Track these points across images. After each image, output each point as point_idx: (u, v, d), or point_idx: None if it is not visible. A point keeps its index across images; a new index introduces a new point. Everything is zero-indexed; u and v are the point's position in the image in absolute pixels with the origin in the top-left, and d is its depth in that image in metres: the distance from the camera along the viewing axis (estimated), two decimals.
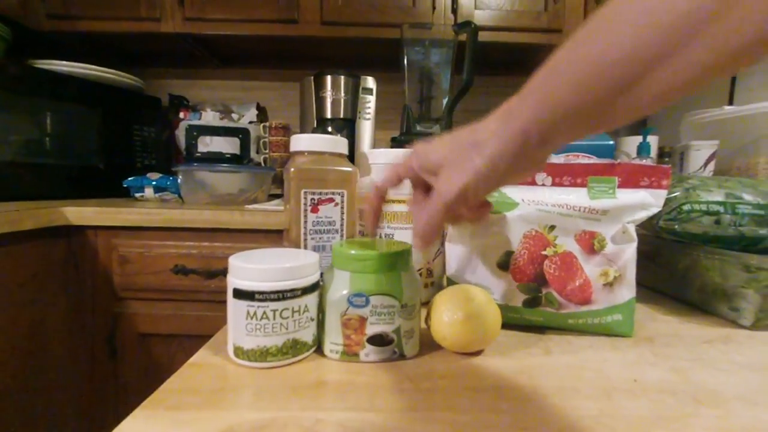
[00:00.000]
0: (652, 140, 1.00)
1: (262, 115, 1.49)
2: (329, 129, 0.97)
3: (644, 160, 0.94)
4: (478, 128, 0.24)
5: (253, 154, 1.29)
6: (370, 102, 1.02)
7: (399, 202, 0.42)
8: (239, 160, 1.01)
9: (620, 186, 0.37)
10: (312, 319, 0.30)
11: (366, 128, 1.03)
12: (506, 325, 0.37)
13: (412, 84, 0.93)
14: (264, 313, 0.27)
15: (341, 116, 0.96)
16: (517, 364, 0.29)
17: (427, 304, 0.34)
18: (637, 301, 0.47)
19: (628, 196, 0.36)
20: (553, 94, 0.19)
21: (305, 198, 0.39)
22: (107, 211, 0.80)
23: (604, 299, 0.35)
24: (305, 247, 0.39)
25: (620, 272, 0.35)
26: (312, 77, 0.96)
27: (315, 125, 0.97)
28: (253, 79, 1.47)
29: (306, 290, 0.29)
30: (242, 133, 1.00)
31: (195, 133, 0.98)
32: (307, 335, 0.29)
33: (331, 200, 0.40)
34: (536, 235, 0.36)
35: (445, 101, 0.93)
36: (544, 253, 0.35)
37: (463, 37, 0.89)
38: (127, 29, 1.13)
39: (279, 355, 0.28)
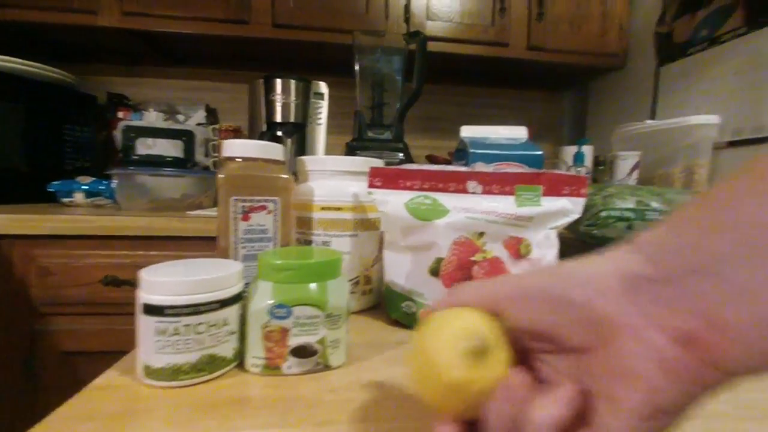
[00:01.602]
0: (587, 150, 1.08)
1: (212, 117, 1.43)
2: (279, 133, 0.95)
3: (579, 168, 1.01)
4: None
5: (201, 157, 1.24)
6: (322, 107, 1.01)
7: (336, 209, 0.42)
8: (183, 163, 0.96)
9: (544, 194, 0.39)
10: (232, 333, 0.28)
11: (318, 133, 1.02)
12: None
13: (364, 90, 0.94)
14: (175, 328, 0.25)
15: (291, 120, 0.94)
16: None
17: (362, 311, 0.34)
18: None
19: (551, 203, 0.38)
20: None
21: (235, 205, 0.37)
22: (24, 218, 0.73)
23: None
24: (235, 257, 0.38)
25: None
26: (261, 80, 0.94)
27: (265, 129, 0.95)
28: (202, 79, 1.41)
29: (225, 303, 0.27)
30: (186, 136, 0.95)
31: (133, 135, 0.92)
32: (227, 350, 0.28)
33: (264, 208, 0.39)
34: (466, 242, 0.37)
35: (397, 108, 0.94)
36: (473, 258, 0.36)
37: (414, 46, 0.91)
38: (58, 21, 1.04)
39: (193, 372, 0.26)
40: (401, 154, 0.89)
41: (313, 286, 0.29)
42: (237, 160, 0.38)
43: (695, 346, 0.12)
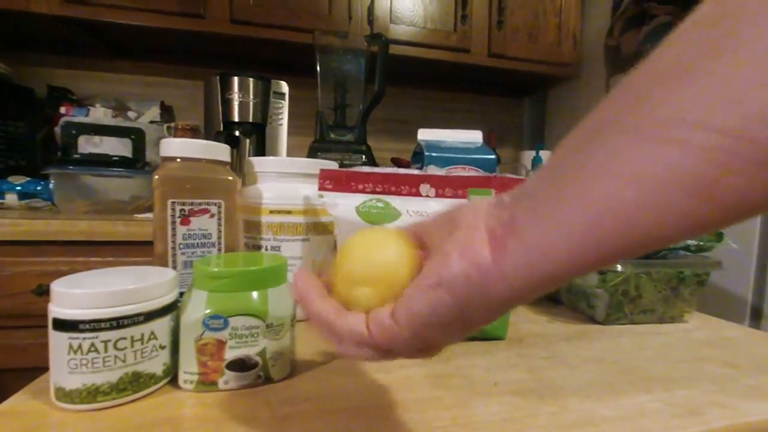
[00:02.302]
0: (545, 155, 1.12)
1: (167, 114, 1.36)
2: (236, 133, 0.91)
3: None
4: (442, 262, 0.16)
5: (154, 157, 1.17)
6: (283, 107, 0.98)
7: (286, 212, 0.40)
8: (132, 163, 0.90)
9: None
10: (162, 347, 0.26)
11: (279, 134, 0.99)
12: None
13: (326, 91, 0.92)
14: (92, 345, 0.23)
15: (250, 120, 0.91)
16: (388, 378, 0.29)
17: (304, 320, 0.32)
18: None
19: None
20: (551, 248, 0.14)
21: (173, 208, 0.35)
22: None
23: None
24: (174, 263, 0.35)
25: None
26: (218, 77, 0.90)
27: (221, 128, 0.91)
28: (156, 75, 1.33)
29: (152, 315, 0.25)
30: (135, 134, 0.90)
31: (74, 131, 0.85)
32: (155, 366, 0.26)
33: (206, 211, 0.36)
34: None
35: (360, 110, 0.93)
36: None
37: (376, 48, 0.91)
38: None
39: (114, 393, 0.24)
40: (364, 157, 0.88)
41: (253, 294, 0.27)
42: (177, 160, 0.36)
43: (495, 242, 0.15)
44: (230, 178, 0.38)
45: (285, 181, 0.41)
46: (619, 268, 0.40)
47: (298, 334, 0.33)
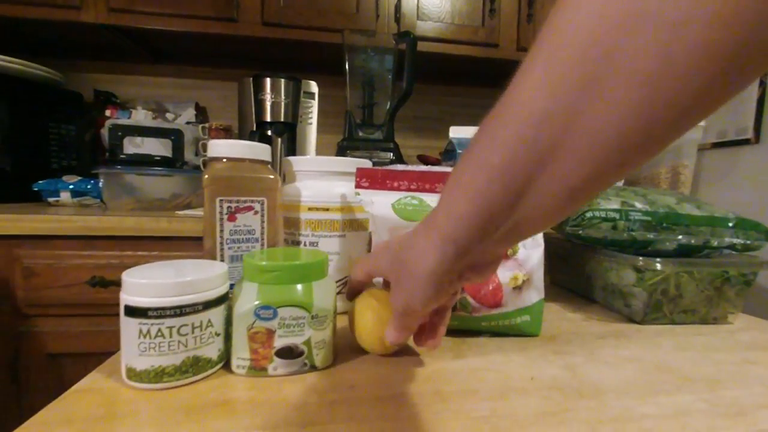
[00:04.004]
0: None
1: (202, 115, 1.42)
2: (268, 133, 0.94)
3: None
4: (406, 243, 0.23)
5: (191, 156, 1.23)
6: (313, 106, 1.00)
7: (324, 209, 0.42)
8: (171, 163, 0.95)
9: None
10: (218, 334, 0.28)
11: (309, 133, 1.02)
12: None
13: (355, 90, 0.94)
14: (159, 330, 0.25)
15: (281, 120, 0.94)
16: (428, 369, 0.30)
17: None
18: (551, 300, 0.50)
19: None
20: (454, 205, 0.19)
21: (221, 206, 0.37)
22: (8, 218, 0.71)
23: (514, 302, 0.37)
24: (222, 257, 0.37)
25: (528, 276, 0.37)
26: (251, 79, 0.93)
27: (254, 128, 0.94)
28: (191, 77, 1.39)
29: (209, 304, 0.27)
30: (175, 135, 0.94)
31: (120, 133, 0.91)
32: (212, 351, 0.28)
33: (250, 208, 0.39)
34: None
35: (387, 108, 0.94)
36: None
37: (403, 46, 0.92)
38: (41, 16, 1.02)
39: (177, 374, 0.26)
40: (392, 154, 0.89)
41: (298, 287, 0.29)
42: (223, 160, 0.38)
43: (428, 228, 0.22)
44: (272, 177, 0.40)
45: (322, 179, 0.43)
46: (658, 266, 0.39)
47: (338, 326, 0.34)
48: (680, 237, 0.43)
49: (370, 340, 0.31)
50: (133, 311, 0.25)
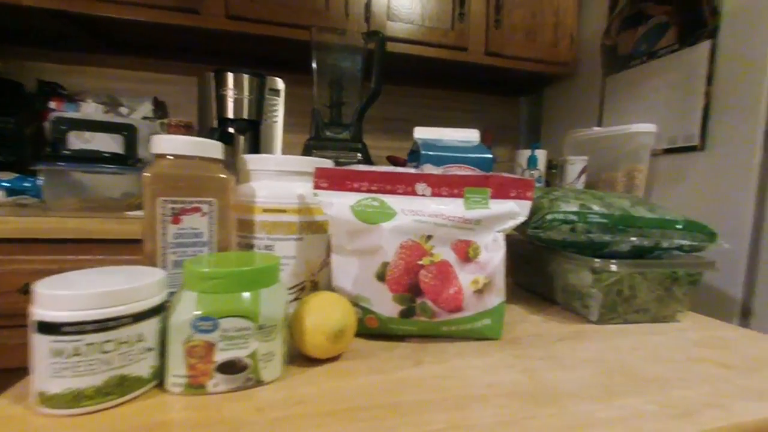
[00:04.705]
0: (540, 154, 1.12)
1: (161, 110, 1.34)
2: (230, 130, 0.90)
3: (533, 171, 1.04)
4: None
5: (146, 153, 1.16)
6: (278, 104, 0.97)
7: (280, 211, 0.40)
8: (123, 160, 0.89)
9: (492, 197, 0.39)
10: (149, 350, 0.25)
11: (274, 131, 0.98)
12: (385, 337, 0.37)
13: (322, 88, 0.91)
14: (75, 348, 0.22)
15: (245, 117, 0.90)
16: (385, 379, 0.29)
17: None
18: (514, 301, 0.51)
19: (499, 206, 0.39)
20: None
21: (163, 207, 0.34)
22: None
23: (475, 305, 0.36)
24: (164, 263, 0.34)
25: (489, 279, 0.37)
26: (212, 73, 0.89)
27: (215, 125, 0.89)
28: (149, 70, 1.32)
29: (140, 316, 0.24)
30: (127, 130, 0.88)
31: (63, 127, 0.84)
32: (142, 369, 0.25)
33: (197, 210, 0.36)
34: (413, 245, 0.36)
35: (356, 107, 0.92)
36: (420, 262, 0.36)
37: (372, 45, 0.90)
38: None
39: (98, 397, 0.23)
40: (359, 155, 0.87)
41: (244, 295, 0.27)
42: (168, 157, 0.35)
43: None
44: (223, 176, 0.37)
45: (279, 179, 0.41)
46: (613, 268, 0.40)
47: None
48: (634, 239, 0.44)
49: (312, 342, 0.30)
50: (45, 327, 0.22)
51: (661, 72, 1.00)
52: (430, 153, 0.48)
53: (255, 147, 0.94)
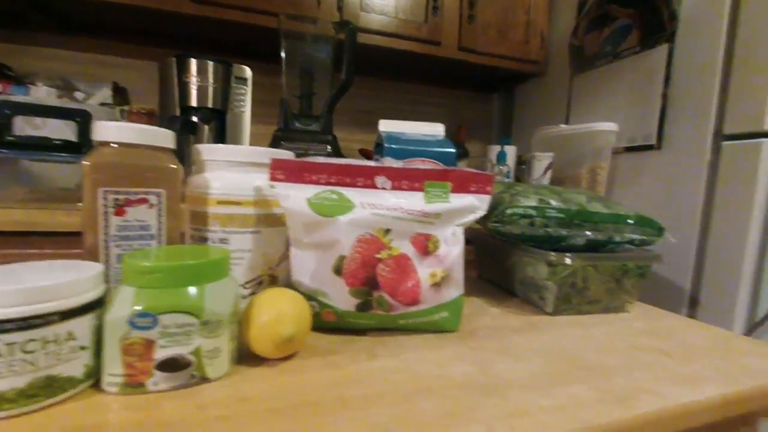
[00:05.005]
0: (510, 150, 1.14)
1: (121, 97, 1.27)
2: (194, 119, 0.86)
3: (502, 167, 1.07)
4: None
5: None
6: (245, 93, 0.94)
7: (235, 203, 0.38)
8: (77, 148, 0.83)
9: (453, 191, 0.39)
10: (82, 348, 0.24)
11: (241, 121, 0.95)
12: (342, 331, 0.37)
13: (292, 78, 0.89)
14: None
15: (209, 106, 0.87)
16: (337, 374, 0.28)
17: None
18: (476, 294, 0.51)
19: (459, 200, 0.39)
20: None
21: (105, 198, 0.32)
22: None
23: (432, 298, 0.36)
24: (107, 257, 0.33)
25: (448, 272, 0.37)
26: (174, 58, 0.85)
27: (178, 114, 0.86)
28: (109, 54, 1.24)
29: (70, 313, 0.23)
30: (80, 116, 0.83)
31: (8, 112, 0.78)
32: (74, 368, 0.24)
33: (144, 201, 0.34)
34: (371, 239, 0.35)
35: (326, 99, 0.91)
36: (378, 256, 0.35)
37: (343, 35, 0.89)
38: None
39: (22, 399, 0.22)
40: (329, 147, 0.86)
41: (187, 290, 0.25)
42: (112, 145, 0.33)
43: None
44: (173, 166, 0.36)
45: (235, 170, 0.39)
46: (568, 261, 0.41)
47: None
48: (589, 233, 0.45)
49: (262, 340, 0.28)
50: None
51: (623, 73, 1.04)
52: (393, 146, 0.47)
53: (221, 137, 0.91)
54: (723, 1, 0.82)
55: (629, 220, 0.47)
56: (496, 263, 0.55)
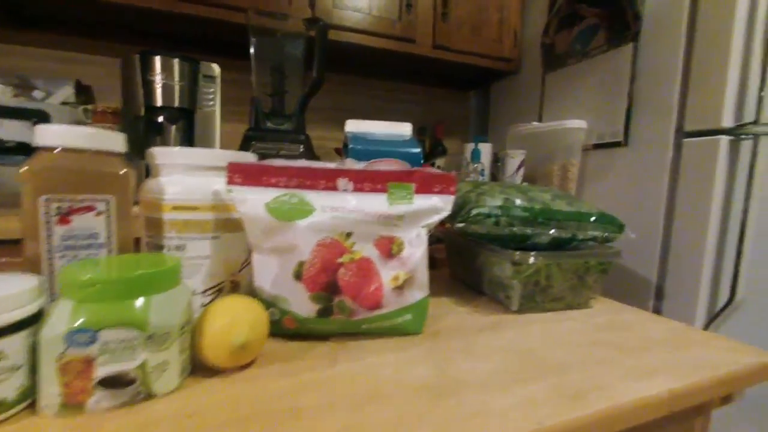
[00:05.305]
0: (485, 147, 1.15)
1: (85, 95, 1.21)
2: (160, 119, 0.83)
3: (476, 165, 1.08)
4: None
5: None
6: (214, 91, 0.91)
7: (192, 209, 0.37)
8: (33, 150, 0.79)
9: (417, 192, 0.39)
10: (15, 368, 0.23)
11: (210, 120, 0.92)
12: (304, 337, 0.36)
13: (263, 76, 0.87)
14: None
15: (176, 105, 0.84)
16: (294, 382, 0.28)
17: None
18: (445, 294, 0.52)
19: (423, 201, 0.39)
20: None
21: (46, 206, 0.30)
22: None
23: (395, 302, 0.36)
24: (50, 268, 0.31)
25: (411, 275, 0.37)
26: (137, 56, 0.81)
27: (141, 113, 0.83)
28: (71, 50, 1.18)
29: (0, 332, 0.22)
30: (38, 116, 0.79)
31: None
32: (6, 390, 0.22)
33: (91, 209, 0.32)
34: (331, 243, 0.35)
35: (299, 97, 0.89)
36: (339, 260, 0.35)
37: (314, 32, 0.87)
38: None
39: None
40: (302, 147, 0.85)
41: (130, 303, 0.24)
42: (55, 150, 0.31)
43: None
44: (122, 171, 0.34)
45: (193, 174, 0.38)
46: (531, 260, 0.42)
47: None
48: (553, 231, 0.46)
49: (215, 349, 0.28)
50: None
51: (592, 71, 1.07)
52: (358, 147, 0.47)
53: (189, 137, 0.88)
54: (682, 3, 0.84)
55: (592, 218, 0.48)
56: (465, 262, 0.55)
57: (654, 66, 0.90)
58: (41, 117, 0.80)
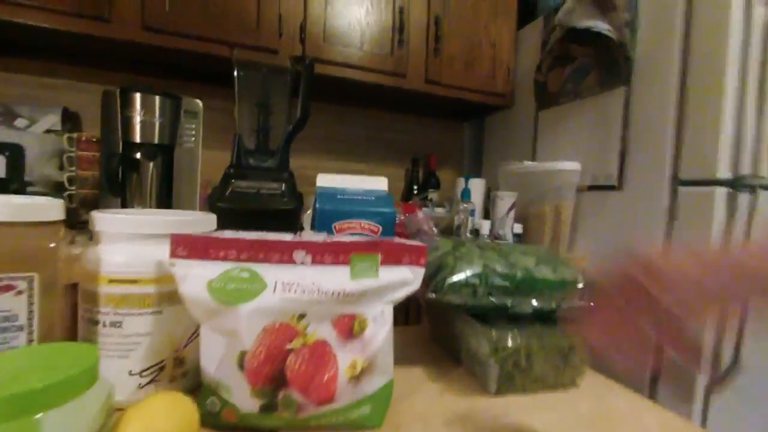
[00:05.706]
0: (477, 184, 1.13)
1: (72, 123, 1.20)
2: (137, 156, 0.81)
3: (466, 205, 1.05)
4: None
5: (52, 171, 1.03)
6: (197, 126, 0.90)
7: (131, 282, 0.34)
8: (4, 185, 0.77)
9: (383, 263, 0.36)
10: None
11: (191, 156, 0.90)
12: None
13: (246, 111, 0.86)
14: None
15: (155, 142, 0.82)
16: None
17: None
18: (423, 362, 0.47)
19: (390, 274, 0.35)
20: None
21: None
22: None
23: (350, 394, 0.32)
24: None
25: (371, 361, 0.33)
26: (117, 91, 0.80)
27: (120, 150, 0.80)
28: (57, 77, 1.18)
29: None
30: (9, 150, 0.76)
31: None
32: None
33: (10, 288, 0.29)
34: (280, 328, 0.31)
35: (283, 134, 0.87)
36: (288, 347, 0.31)
37: (301, 69, 0.86)
38: None
39: None
40: (284, 186, 0.82)
41: (15, 424, 0.20)
42: None
43: None
44: (52, 244, 0.31)
45: (134, 242, 0.35)
46: (509, 343, 0.38)
47: None
48: (534, 302, 0.43)
49: None
50: None
51: (585, 112, 1.05)
52: (327, 207, 0.44)
53: (168, 173, 0.86)
54: (673, 49, 0.83)
55: (579, 285, 0.44)
56: (442, 327, 0.51)
57: (646, 112, 0.88)
58: (13, 151, 0.78)
